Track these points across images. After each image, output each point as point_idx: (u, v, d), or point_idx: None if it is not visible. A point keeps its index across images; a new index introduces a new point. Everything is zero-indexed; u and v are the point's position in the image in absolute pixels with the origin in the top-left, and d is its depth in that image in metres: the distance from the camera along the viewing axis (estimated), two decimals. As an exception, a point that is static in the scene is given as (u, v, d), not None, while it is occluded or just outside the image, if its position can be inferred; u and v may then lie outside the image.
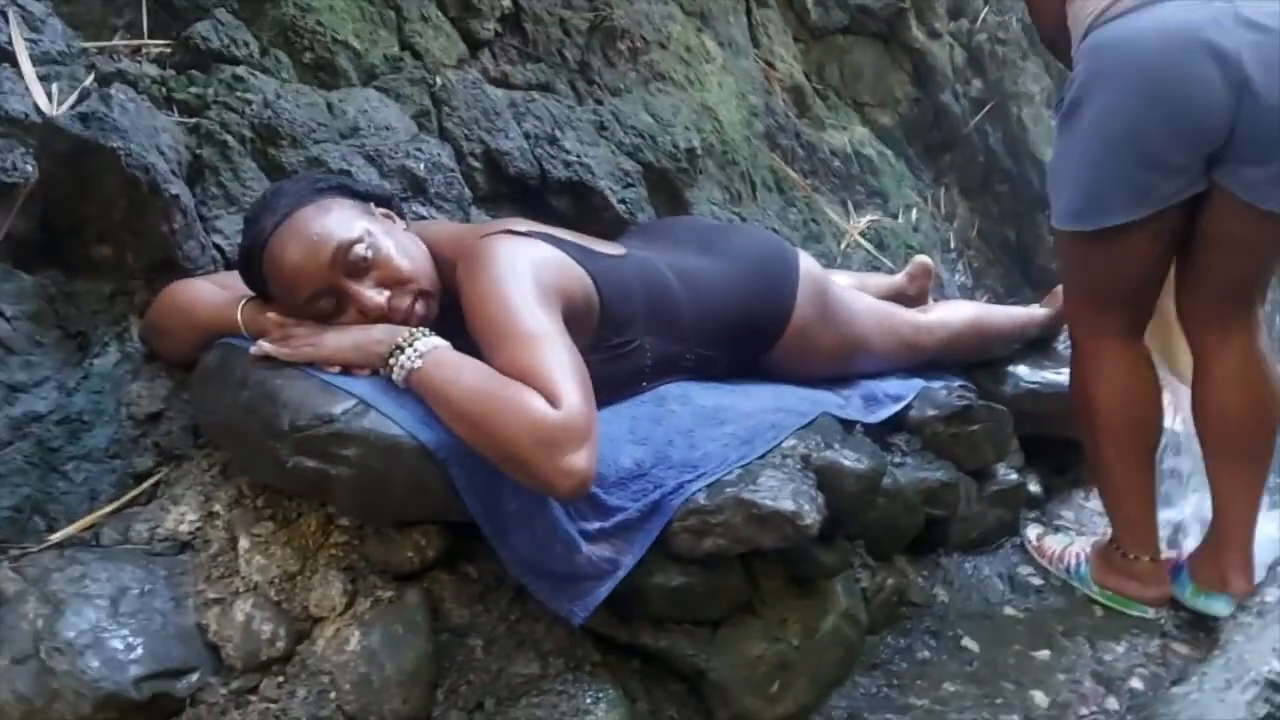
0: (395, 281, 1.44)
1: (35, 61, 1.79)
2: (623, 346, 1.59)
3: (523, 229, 1.52)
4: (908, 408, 1.94)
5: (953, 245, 3.61)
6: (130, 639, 1.30)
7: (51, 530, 1.46)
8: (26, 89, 1.74)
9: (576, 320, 1.46)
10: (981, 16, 3.79)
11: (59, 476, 1.50)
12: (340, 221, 1.42)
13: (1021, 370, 2.25)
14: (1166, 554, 1.91)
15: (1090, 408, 1.84)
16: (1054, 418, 2.18)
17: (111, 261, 1.68)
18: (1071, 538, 2.08)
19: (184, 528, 1.47)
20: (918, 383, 2.02)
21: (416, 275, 1.46)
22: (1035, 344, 2.34)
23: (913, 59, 3.56)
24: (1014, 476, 2.13)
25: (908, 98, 3.59)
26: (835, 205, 3.21)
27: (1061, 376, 2.14)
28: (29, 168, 1.65)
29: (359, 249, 1.41)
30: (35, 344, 1.58)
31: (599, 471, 1.36)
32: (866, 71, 3.51)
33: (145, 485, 1.55)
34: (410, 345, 1.35)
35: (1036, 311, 2.39)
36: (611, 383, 1.57)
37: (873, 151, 3.39)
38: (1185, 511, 2.12)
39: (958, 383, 2.08)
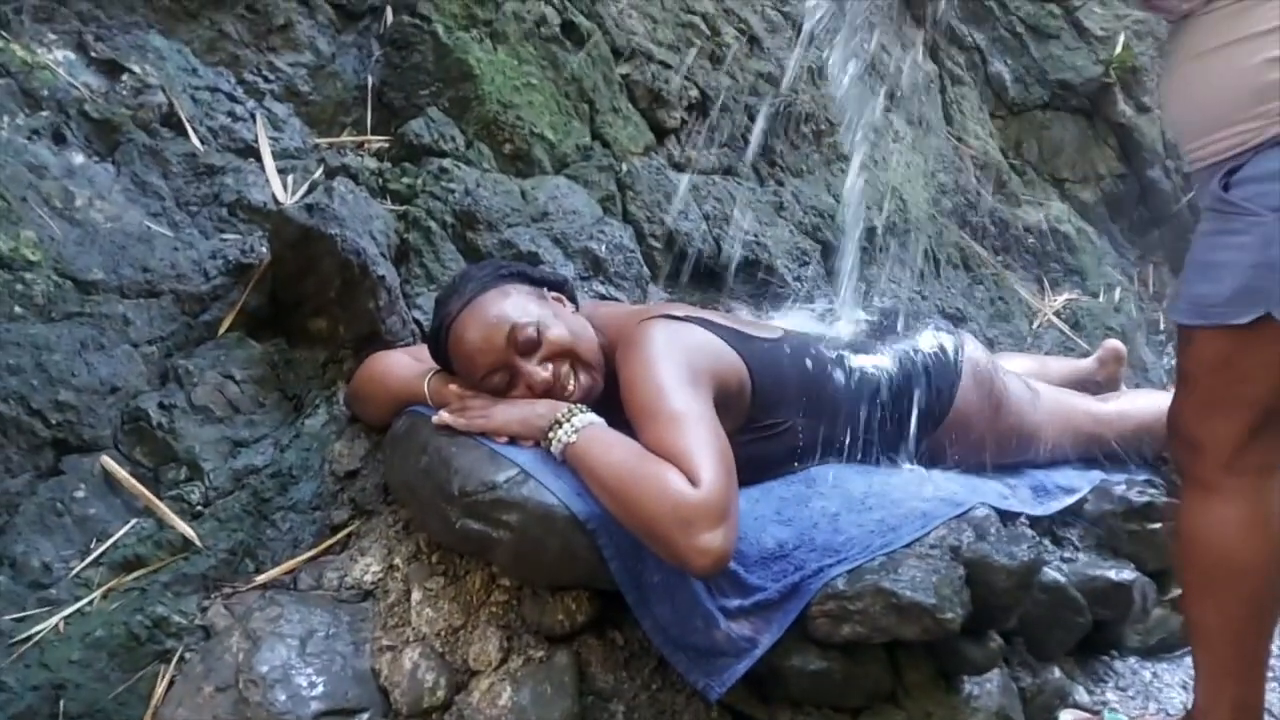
0: (559, 355, 1.55)
1: (276, 156, 2.06)
2: (774, 427, 1.64)
3: (679, 314, 1.61)
4: (1082, 501, 1.87)
5: (1162, 327, 3.42)
6: (314, 677, 1.45)
7: (259, 571, 1.65)
8: (267, 180, 2.01)
9: (728, 402, 1.53)
10: (1199, 88, 3.61)
11: (268, 524, 1.69)
12: (516, 306, 1.56)
13: (1218, 466, 2.10)
14: None
15: (1228, 559, 1.48)
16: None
17: (326, 333, 1.89)
18: None
19: (368, 577, 1.62)
20: (1095, 475, 1.94)
21: (577, 347, 1.57)
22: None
23: (1118, 134, 3.44)
24: (1203, 580, 1.98)
25: (1112, 173, 3.46)
26: (1029, 283, 3.13)
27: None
28: (264, 249, 1.90)
29: (529, 330, 1.53)
30: (258, 404, 1.80)
31: (741, 550, 1.42)
32: (1067, 147, 3.42)
33: (339, 536, 1.72)
34: (568, 421, 1.46)
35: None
36: (762, 462, 1.62)
37: (1071, 228, 3.29)
38: None
39: (1142, 477, 1.98)
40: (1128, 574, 1.79)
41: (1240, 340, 1.41)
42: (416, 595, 1.57)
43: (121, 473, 1.63)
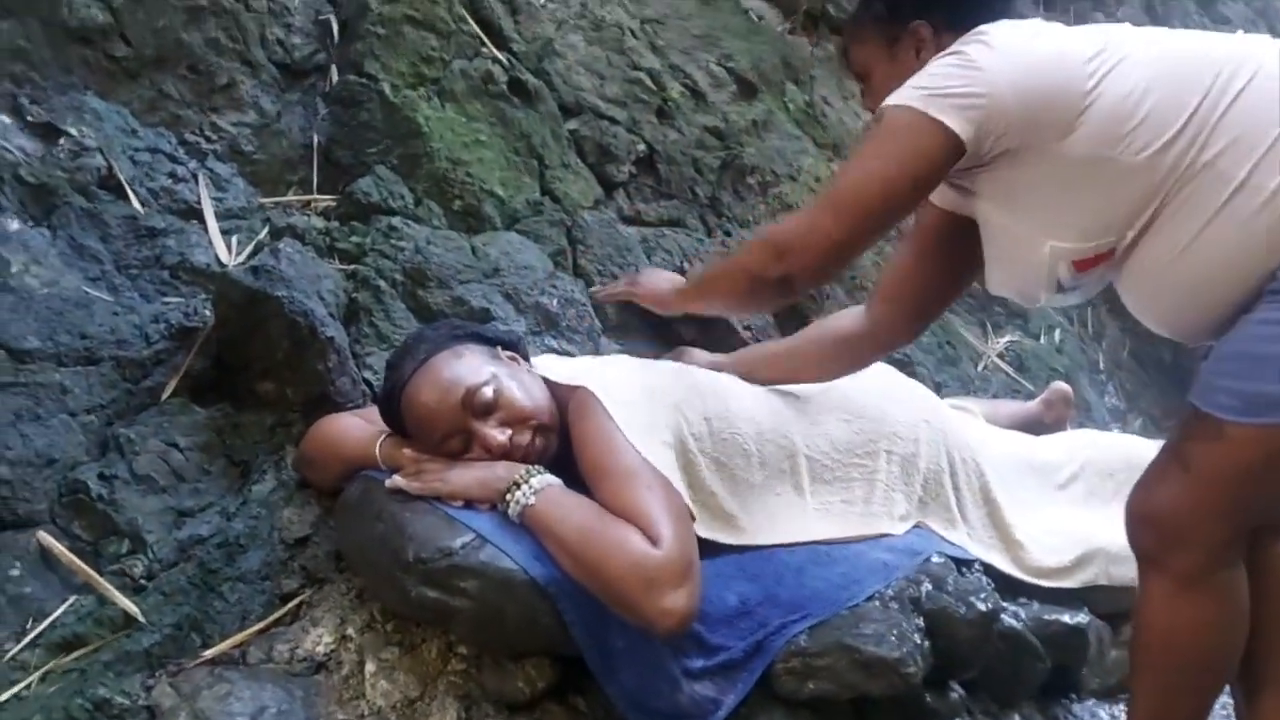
0: (517, 419, 1.54)
1: (220, 217, 2.03)
2: (733, 482, 1.63)
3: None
4: (1035, 546, 1.88)
5: (1102, 366, 3.50)
6: (266, 757, 1.40)
7: (206, 647, 1.59)
8: (210, 242, 1.97)
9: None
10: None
11: (216, 596, 1.64)
12: (470, 367, 1.55)
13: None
14: None
15: (1202, 658, 1.40)
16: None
17: (273, 396, 1.85)
18: None
19: (320, 649, 1.57)
20: (1046, 519, 1.96)
21: (536, 412, 1.56)
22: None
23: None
24: (1157, 620, 2.00)
25: (1051, 217, 3.54)
26: (973, 327, 3.18)
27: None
28: (208, 313, 1.86)
29: (485, 392, 1.52)
30: (204, 472, 1.75)
31: (704, 609, 1.40)
32: (1006, 192, 3.49)
33: (290, 606, 1.67)
34: (526, 483, 1.44)
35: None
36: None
37: (1012, 272, 3.34)
38: None
39: (1092, 519, 2.00)
40: (1082, 617, 1.80)
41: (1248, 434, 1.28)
42: (371, 667, 1.53)
43: (59, 548, 1.57)
